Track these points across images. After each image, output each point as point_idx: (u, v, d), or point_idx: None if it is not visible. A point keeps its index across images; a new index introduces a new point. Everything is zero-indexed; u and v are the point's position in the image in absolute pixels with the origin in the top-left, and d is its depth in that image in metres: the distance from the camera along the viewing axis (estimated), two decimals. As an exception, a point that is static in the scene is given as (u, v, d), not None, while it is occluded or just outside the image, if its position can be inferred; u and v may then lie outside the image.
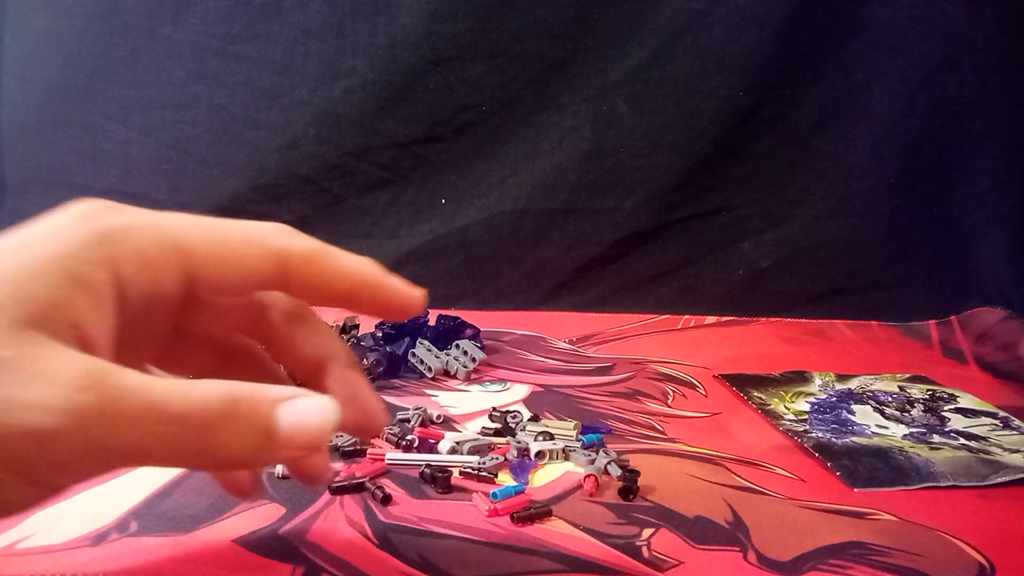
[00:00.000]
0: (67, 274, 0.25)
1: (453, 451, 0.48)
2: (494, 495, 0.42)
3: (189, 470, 0.43)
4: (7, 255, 0.25)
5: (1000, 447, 0.52)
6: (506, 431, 0.52)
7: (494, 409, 0.56)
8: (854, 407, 0.59)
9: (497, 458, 0.48)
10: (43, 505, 0.27)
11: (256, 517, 0.41)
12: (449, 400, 0.59)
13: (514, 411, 0.55)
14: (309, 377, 0.32)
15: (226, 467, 0.30)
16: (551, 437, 0.50)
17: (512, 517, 0.41)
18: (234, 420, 0.24)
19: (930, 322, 0.84)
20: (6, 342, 0.22)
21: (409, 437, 0.49)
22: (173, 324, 0.30)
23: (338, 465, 0.47)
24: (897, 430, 0.55)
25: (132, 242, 0.27)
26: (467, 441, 0.49)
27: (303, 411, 0.25)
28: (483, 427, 0.53)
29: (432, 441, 0.49)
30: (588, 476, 0.45)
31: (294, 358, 0.32)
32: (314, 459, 0.31)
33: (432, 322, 0.69)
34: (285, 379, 0.33)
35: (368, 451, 0.48)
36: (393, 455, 0.47)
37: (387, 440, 0.50)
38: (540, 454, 0.48)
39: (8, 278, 0.24)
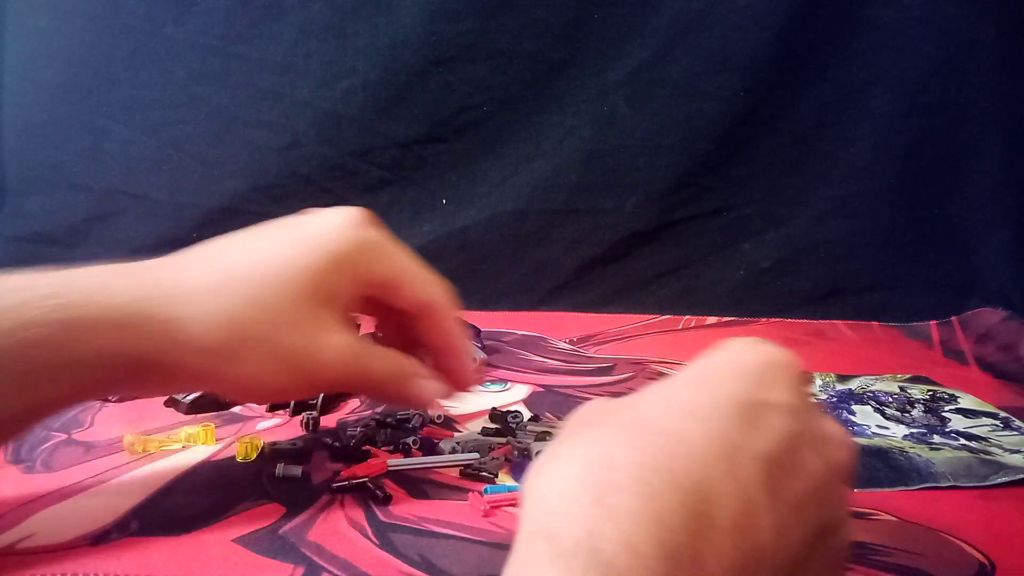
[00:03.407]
0: (342, 271, 0.39)
1: (454, 451, 0.48)
2: (485, 491, 0.43)
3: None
4: (303, 244, 0.39)
5: (1000, 447, 0.52)
6: (506, 431, 0.52)
7: (494, 409, 0.56)
8: (855, 407, 0.59)
9: (497, 458, 0.48)
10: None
11: (256, 517, 0.41)
12: (449, 400, 0.59)
13: (514, 411, 0.55)
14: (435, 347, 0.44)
15: (384, 400, 0.49)
16: (552, 437, 0.50)
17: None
18: (392, 380, 0.41)
19: (931, 323, 0.84)
20: (307, 320, 0.38)
21: (411, 439, 0.49)
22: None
23: (338, 466, 0.47)
24: (897, 430, 0.55)
25: (376, 257, 0.40)
26: (467, 441, 0.49)
27: (421, 387, 0.42)
28: (483, 427, 0.53)
29: (435, 440, 0.49)
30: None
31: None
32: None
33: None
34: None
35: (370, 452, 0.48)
36: (394, 460, 0.47)
37: (385, 444, 0.50)
38: (539, 453, 0.48)
39: (310, 266, 0.38)
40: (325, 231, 0.39)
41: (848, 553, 0.30)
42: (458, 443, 0.49)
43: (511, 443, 0.49)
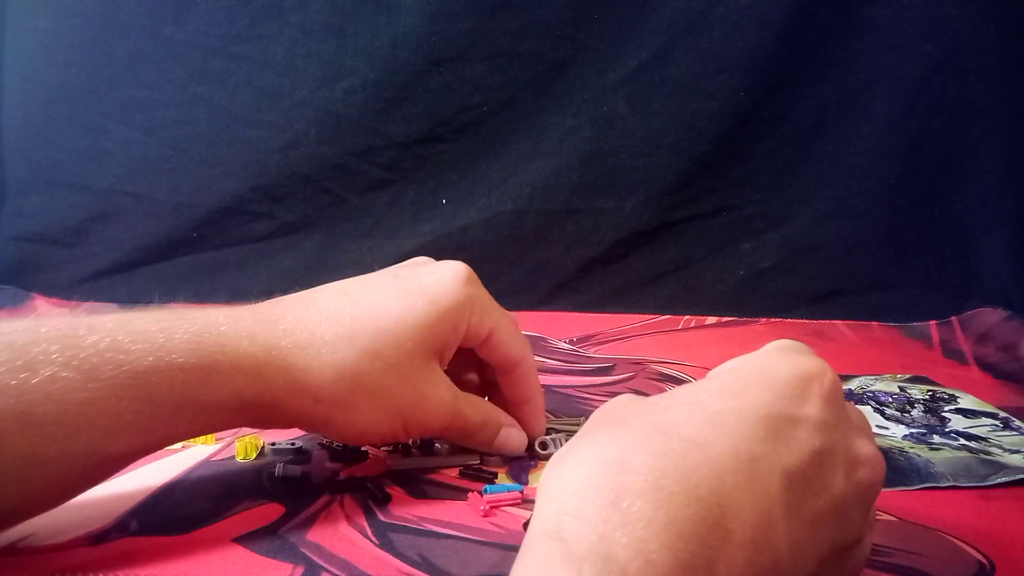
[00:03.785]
0: (450, 326, 0.42)
1: (451, 452, 0.48)
2: (485, 491, 0.43)
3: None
4: (418, 299, 0.41)
5: (1000, 448, 0.52)
6: None
7: None
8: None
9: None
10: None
11: (256, 517, 0.41)
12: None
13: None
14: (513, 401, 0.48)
15: (475, 447, 0.47)
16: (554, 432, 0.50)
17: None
18: (485, 429, 0.45)
19: (931, 323, 0.84)
20: (421, 372, 0.41)
21: (410, 439, 0.49)
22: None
23: (338, 466, 0.47)
24: (897, 431, 0.55)
25: (479, 314, 0.44)
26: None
27: (509, 435, 0.46)
28: None
29: (435, 441, 0.49)
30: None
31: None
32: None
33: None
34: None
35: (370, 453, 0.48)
36: (394, 460, 0.47)
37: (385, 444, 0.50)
38: (543, 444, 0.48)
39: (424, 322, 0.41)
40: (437, 287, 0.42)
41: (862, 570, 0.29)
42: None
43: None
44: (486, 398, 0.48)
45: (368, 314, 0.40)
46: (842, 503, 0.26)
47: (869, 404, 0.60)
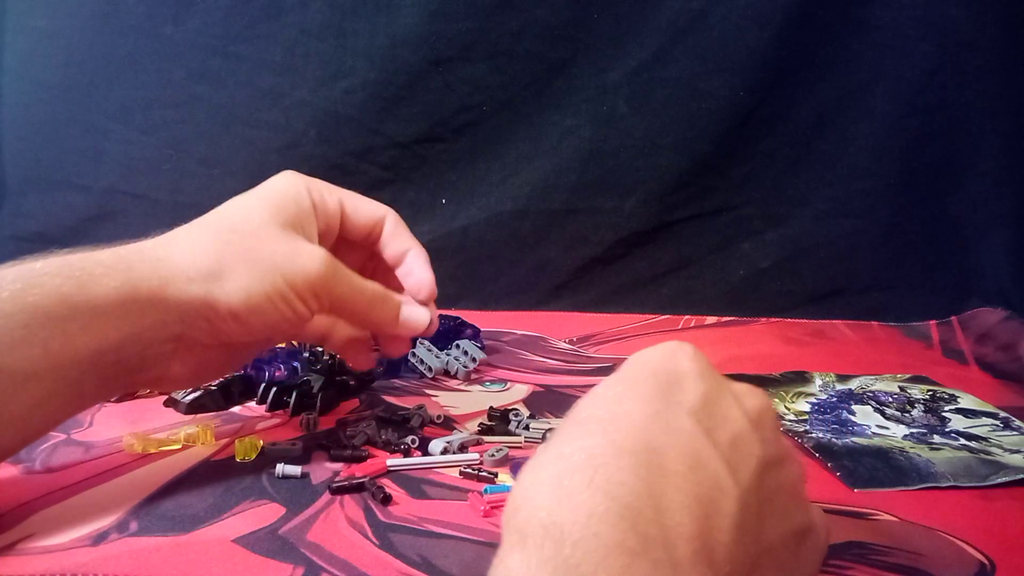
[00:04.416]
0: (300, 201, 0.46)
1: (445, 451, 0.48)
2: (485, 491, 0.43)
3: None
4: (262, 190, 0.46)
5: (1000, 447, 0.52)
6: (503, 429, 0.52)
7: (492, 408, 0.56)
8: (854, 407, 0.59)
9: (503, 448, 0.48)
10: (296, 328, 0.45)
11: (256, 517, 0.41)
12: (449, 400, 0.59)
13: (514, 409, 0.55)
14: (397, 262, 0.50)
15: (372, 328, 0.49)
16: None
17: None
18: (384, 304, 0.46)
19: (930, 322, 0.84)
20: (283, 234, 0.43)
21: (411, 439, 0.49)
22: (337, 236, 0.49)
23: (338, 466, 0.47)
24: (897, 430, 0.55)
25: (323, 191, 0.47)
26: (457, 440, 0.49)
27: (411, 311, 0.47)
28: (480, 423, 0.53)
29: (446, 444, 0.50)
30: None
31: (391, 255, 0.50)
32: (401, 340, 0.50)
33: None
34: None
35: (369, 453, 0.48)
36: (394, 460, 0.47)
37: (387, 443, 0.50)
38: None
39: (272, 203, 0.44)
40: (276, 182, 0.47)
41: (802, 486, 0.32)
42: (448, 443, 0.49)
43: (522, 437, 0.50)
44: None
45: (218, 211, 0.45)
46: (747, 425, 0.30)
47: (869, 404, 0.60)
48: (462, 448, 0.49)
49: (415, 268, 0.49)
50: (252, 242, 0.42)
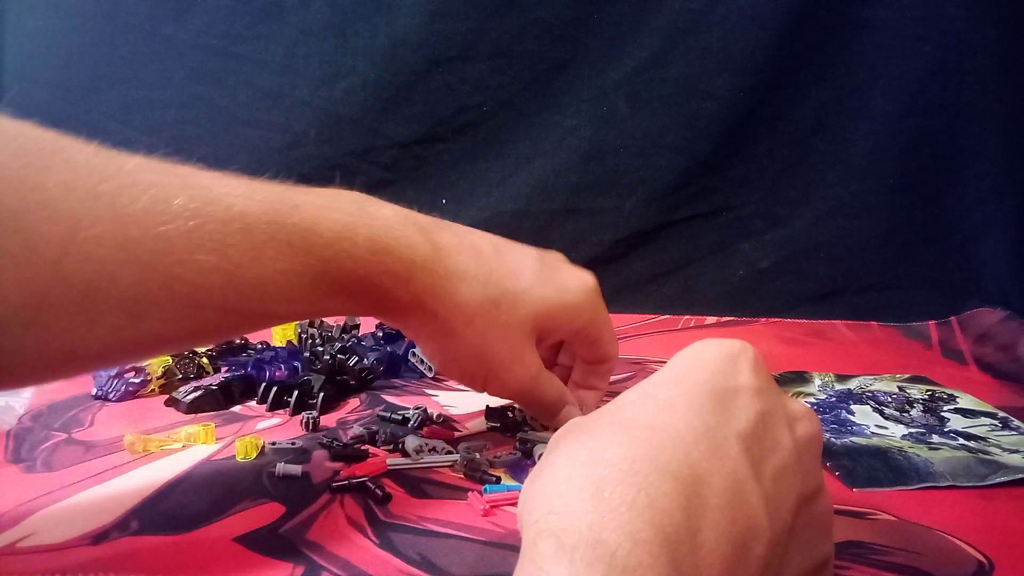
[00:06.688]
0: (567, 318, 0.48)
1: (419, 450, 0.48)
2: (485, 490, 0.43)
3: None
4: (558, 292, 0.47)
5: (999, 447, 0.52)
6: (510, 427, 0.52)
7: (488, 407, 0.56)
8: (853, 407, 0.59)
9: (514, 454, 0.48)
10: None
11: (256, 516, 0.41)
12: (449, 400, 0.59)
13: (511, 408, 0.55)
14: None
15: (539, 417, 0.52)
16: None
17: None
18: (555, 405, 0.49)
19: (930, 323, 0.84)
20: (528, 337, 0.46)
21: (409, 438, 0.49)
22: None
23: (338, 465, 0.47)
24: (896, 430, 0.55)
25: (595, 322, 0.51)
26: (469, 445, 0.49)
27: (569, 413, 0.49)
28: (489, 425, 0.53)
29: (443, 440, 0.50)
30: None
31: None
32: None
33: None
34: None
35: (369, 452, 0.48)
36: (394, 460, 0.47)
37: (384, 443, 0.50)
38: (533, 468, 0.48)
39: (547, 304, 0.46)
40: (569, 282, 0.48)
41: (831, 518, 0.31)
42: (468, 448, 0.49)
43: (519, 437, 0.50)
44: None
45: (506, 271, 0.46)
46: (794, 456, 0.29)
47: (868, 404, 0.60)
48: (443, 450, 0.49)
49: (595, 387, 0.52)
50: (494, 331, 0.45)
